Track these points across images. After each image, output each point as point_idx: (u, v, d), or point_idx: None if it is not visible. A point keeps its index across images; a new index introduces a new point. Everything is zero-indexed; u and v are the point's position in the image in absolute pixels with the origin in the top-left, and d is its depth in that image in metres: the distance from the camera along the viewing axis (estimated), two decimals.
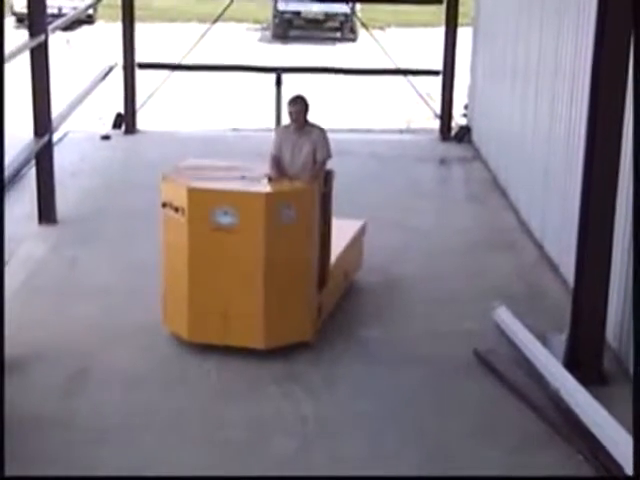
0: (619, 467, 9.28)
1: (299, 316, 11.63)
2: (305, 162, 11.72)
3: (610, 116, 10.90)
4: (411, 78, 24.17)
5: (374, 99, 27.66)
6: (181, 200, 11.31)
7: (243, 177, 11.65)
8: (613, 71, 10.80)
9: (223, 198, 11.27)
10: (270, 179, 11.59)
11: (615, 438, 9.63)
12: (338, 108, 25.54)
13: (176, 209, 11.37)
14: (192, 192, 11.27)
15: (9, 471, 9.72)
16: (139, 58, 22.91)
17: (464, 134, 22.67)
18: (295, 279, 11.54)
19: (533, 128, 16.56)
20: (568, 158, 13.46)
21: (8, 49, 14.82)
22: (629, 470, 8.99)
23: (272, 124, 23.72)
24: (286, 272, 11.40)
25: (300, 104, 11.68)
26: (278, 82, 10.28)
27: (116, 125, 22.57)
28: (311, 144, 11.74)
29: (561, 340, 11.73)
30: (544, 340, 11.86)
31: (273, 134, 11.74)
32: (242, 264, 11.28)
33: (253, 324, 11.42)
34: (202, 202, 11.24)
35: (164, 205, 11.62)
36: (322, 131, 11.89)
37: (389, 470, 9.66)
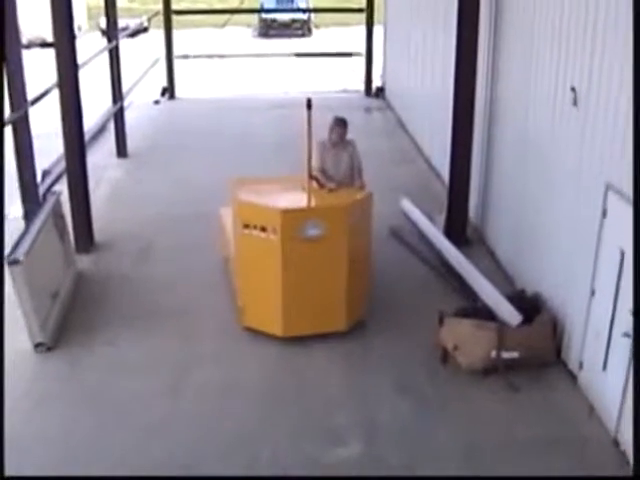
0: (475, 294, 9.36)
1: (363, 297, 9.33)
2: (346, 171, 9.42)
3: (466, 79, 10.97)
4: (346, 58, 24.04)
5: (324, 72, 27.30)
6: (272, 221, 8.57)
7: (303, 189, 9.02)
8: (467, 53, 10.88)
9: (312, 214, 8.74)
10: (330, 189, 9.12)
11: (473, 277, 9.76)
12: (302, 78, 25.23)
13: (263, 229, 8.66)
14: (285, 214, 8.58)
15: (111, 296, 9.88)
16: (176, 52, 22.55)
17: (380, 92, 22.49)
18: (362, 268, 9.21)
19: (422, 87, 16.45)
20: (443, 106, 13.40)
21: (96, 50, 14.85)
22: (482, 295, 9.13)
23: (263, 91, 23.57)
24: (358, 265, 9.02)
25: (345, 126, 9.45)
26: (309, 106, 8.69)
27: (163, 94, 22.38)
28: (348, 155, 9.46)
29: (441, 218, 11.84)
30: (431, 219, 11.93)
31: (315, 150, 9.13)
32: (328, 266, 8.78)
33: (337, 313, 8.94)
34: (294, 220, 8.58)
35: (246, 226, 8.78)
36: (354, 143, 9.63)
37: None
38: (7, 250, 8.57)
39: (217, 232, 10.68)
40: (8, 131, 9.79)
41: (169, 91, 22.37)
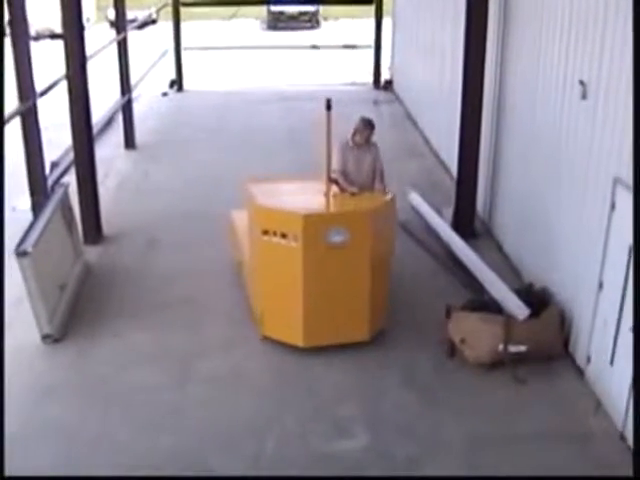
0: (482, 287, 9.33)
1: (384, 305, 8.83)
2: (368, 173, 8.86)
3: (475, 73, 10.95)
4: (354, 50, 23.95)
5: (332, 65, 27.26)
6: (293, 227, 8.06)
7: (324, 193, 8.46)
8: (476, 47, 10.86)
9: (336, 220, 8.21)
10: (353, 193, 8.59)
11: (480, 270, 9.73)
12: (310, 71, 25.22)
13: (283, 235, 8.13)
14: (308, 218, 8.04)
15: (118, 288, 9.90)
16: (184, 44, 22.55)
17: (388, 85, 22.46)
18: (384, 275, 8.71)
19: (430, 80, 16.42)
20: (452, 99, 13.38)
21: (104, 42, 14.88)
22: (489, 288, 9.10)
23: (272, 84, 23.49)
24: (381, 271, 8.56)
25: (372, 128, 8.88)
26: (328, 107, 8.20)
27: (171, 86, 22.39)
28: (372, 157, 8.89)
29: (449, 212, 11.82)
30: (439, 212, 11.92)
31: (335, 152, 8.58)
32: (351, 274, 8.29)
33: (360, 322, 8.51)
34: (317, 226, 8.07)
35: (265, 232, 8.26)
36: (377, 145, 9.07)
37: None
38: (15, 242, 8.59)
39: (229, 235, 10.46)
40: (16, 122, 9.79)
41: (177, 83, 22.40)
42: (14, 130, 9.95)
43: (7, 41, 9.62)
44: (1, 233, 8.70)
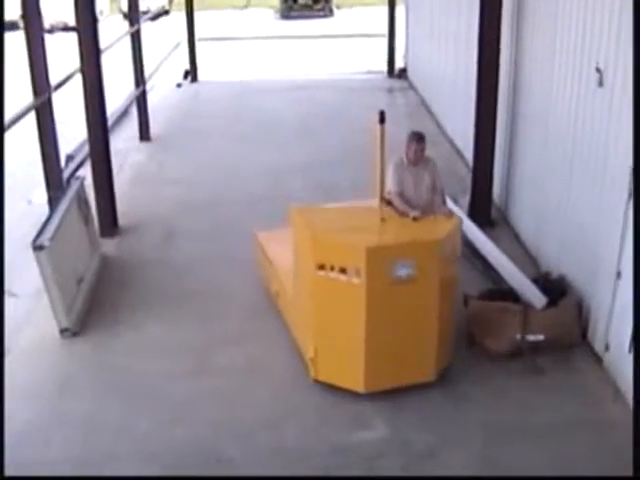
0: (499, 276, 9.29)
1: (451, 339, 8.00)
2: (427, 194, 7.96)
3: (490, 59, 10.88)
4: (368, 39, 23.86)
5: (347, 53, 27.21)
6: (355, 261, 7.12)
7: (382, 219, 7.62)
8: (490, 36, 10.78)
9: (401, 251, 7.21)
10: (415, 218, 7.62)
11: (498, 259, 9.69)
12: (325, 59, 25.17)
13: (342, 270, 7.19)
14: (371, 251, 7.09)
15: (135, 280, 9.94)
16: (198, 34, 22.57)
17: (402, 73, 22.40)
18: (451, 307, 7.82)
19: (444, 69, 16.37)
20: (466, 86, 13.34)
21: (118, 34, 14.97)
22: (507, 277, 9.07)
23: (286, 73, 23.45)
24: (448, 303, 7.68)
25: (424, 141, 7.97)
26: (382, 120, 7.50)
27: (185, 77, 22.41)
28: (430, 175, 8.00)
29: (465, 200, 11.76)
30: (455, 200, 11.81)
31: (390, 171, 7.87)
32: (418, 310, 7.39)
33: (425, 362, 7.64)
34: (382, 259, 7.12)
35: (321, 267, 7.31)
36: (434, 161, 8.22)
37: None
38: (32, 235, 8.65)
39: (257, 259, 9.88)
40: (32, 116, 9.83)
41: (191, 74, 22.42)
42: (29, 124, 9.98)
43: (22, 35, 9.67)
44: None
